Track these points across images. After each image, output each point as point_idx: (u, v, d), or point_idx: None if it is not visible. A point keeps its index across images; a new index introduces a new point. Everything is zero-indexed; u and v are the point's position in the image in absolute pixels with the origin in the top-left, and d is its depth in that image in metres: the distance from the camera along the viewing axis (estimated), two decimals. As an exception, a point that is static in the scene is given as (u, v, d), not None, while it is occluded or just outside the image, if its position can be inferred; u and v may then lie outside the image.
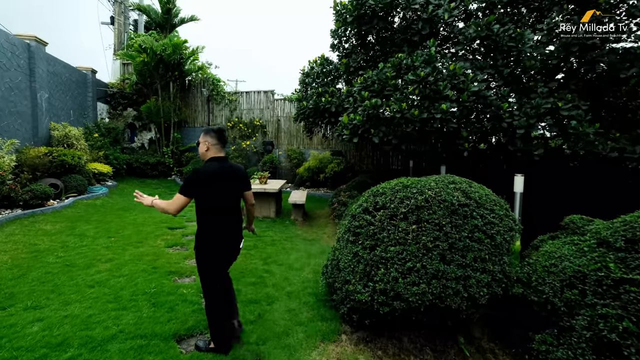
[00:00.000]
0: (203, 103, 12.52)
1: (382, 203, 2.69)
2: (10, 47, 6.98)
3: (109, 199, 7.87)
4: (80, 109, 9.92)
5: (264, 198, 6.68)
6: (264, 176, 7.09)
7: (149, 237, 5.13)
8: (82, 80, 9.99)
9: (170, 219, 6.26)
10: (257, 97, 12.14)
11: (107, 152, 9.59)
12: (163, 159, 11.26)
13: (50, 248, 4.40)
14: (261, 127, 12.06)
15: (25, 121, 7.41)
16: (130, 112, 12.06)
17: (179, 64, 11.32)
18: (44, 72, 7.97)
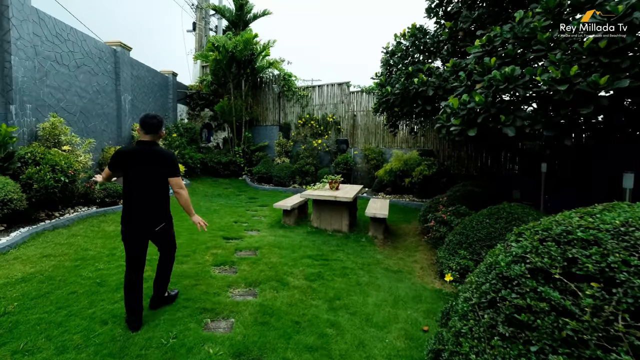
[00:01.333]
0: (274, 100, 12.15)
1: (588, 264, 1.11)
2: (99, 53, 7.42)
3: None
4: (162, 110, 10.45)
5: (335, 208, 5.46)
6: (335, 180, 5.86)
7: (199, 249, 4.42)
8: (163, 83, 10.53)
9: (229, 227, 5.62)
10: (330, 91, 11.17)
11: (182, 151, 9.80)
12: (234, 158, 11.21)
13: (96, 256, 4.01)
14: (334, 123, 11.02)
15: (111, 122, 7.85)
16: (207, 113, 12.46)
17: (250, 61, 11.13)
18: (128, 75, 8.40)
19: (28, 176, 4.67)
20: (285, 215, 5.90)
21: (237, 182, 10.79)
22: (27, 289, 3.09)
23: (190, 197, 8.03)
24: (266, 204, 8.02)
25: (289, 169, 10.33)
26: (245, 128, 11.79)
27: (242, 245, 4.69)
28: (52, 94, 6.19)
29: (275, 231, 5.48)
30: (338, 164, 9.95)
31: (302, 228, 5.67)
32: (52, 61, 6.17)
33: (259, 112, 12.27)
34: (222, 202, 8.07)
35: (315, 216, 5.67)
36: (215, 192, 9.25)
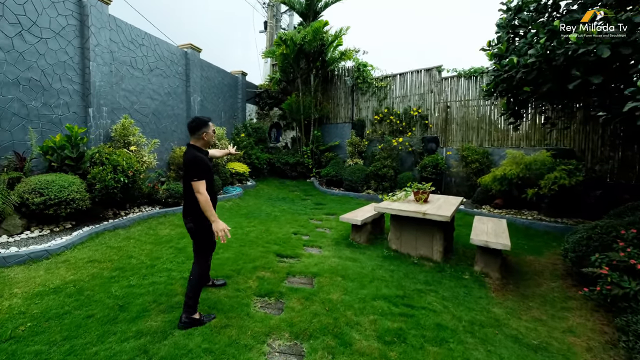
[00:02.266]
0: (346, 95, 11.26)
1: None
2: (170, 55, 7.76)
3: (240, 202, 7.62)
4: (231, 111, 10.67)
5: (423, 227, 4.24)
6: (423, 190, 4.68)
7: (245, 269, 3.80)
8: (233, 83, 10.75)
9: (287, 240, 4.95)
10: (415, 79, 9.63)
11: (249, 151, 9.76)
12: (302, 159, 10.77)
13: (136, 267, 3.74)
14: (420, 118, 9.44)
15: (181, 123, 8.15)
16: (276, 112, 12.42)
17: (319, 53, 10.51)
18: (198, 76, 8.67)
19: (92, 176, 4.78)
20: (354, 231, 4.93)
21: (305, 185, 10.30)
22: (51, 303, 2.86)
23: (252, 199, 7.31)
24: (334, 212, 7.18)
25: (362, 172, 9.30)
26: (314, 126, 11.25)
27: (297, 268, 3.89)
28: (127, 97, 6.55)
29: (340, 251, 4.56)
30: (424, 167, 8.42)
31: (375, 249, 4.62)
32: (128, 66, 6.54)
33: (330, 109, 11.55)
34: (284, 207, 7.56)
35: (394, 235, 4.53)
36: (280, 195, 8.87)
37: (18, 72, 4.66)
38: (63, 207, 4.31)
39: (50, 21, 5.07)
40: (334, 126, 11.42)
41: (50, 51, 5.07)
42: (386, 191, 8.67)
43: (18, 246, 3.74)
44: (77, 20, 5.50)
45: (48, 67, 5.05)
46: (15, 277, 3.27)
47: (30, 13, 4.80)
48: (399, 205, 4.39)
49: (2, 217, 3.96)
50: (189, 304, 2.57)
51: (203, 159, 2.55)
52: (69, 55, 5.37)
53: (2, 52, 4.46)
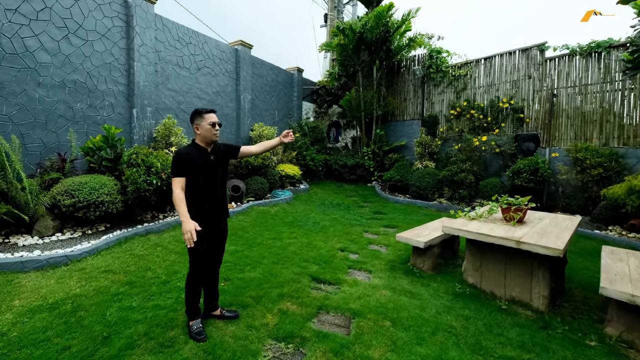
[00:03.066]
0: (415, 87, 10.14)
1: None
2: (219, 53, 7.75)
3: (288, 207, 7.19)
4: (286, 109, 10.40)
5: (515, 259, 3.08)
6: (517, 206, 3.39)
7: (268, 296, 3.18)
8: (288, 81, 10.48)
9: (329, 259, 4.23)
10: (507, 62, 8.09)
11: (304, 152, 9.34)
12: (362, 160, 10.02)
13: (146, 283, 3.41)
14: (512, 111, 7.88)
15: (230, 122, 8.07)
16: (335, 110, 11.85)
17: (383, 41, 9.59)
18: (248, 74, 8.55)
19: (126, 177, 4.74)
20: (416, 255, 3.94)
21: (364, 190, 9.50)
22: (37, 324, 2.60)
23: (302, 205, 7.45)
24: (394, 224, 6.20)
25: (433, 177, 8.13)
26: (376, 124, 10.37)
27: (334, 300, 3.10)
28: (173, 96, 6.62)
29: (396, 279, 3.64)
30: (518, 172, 6.83)
31: (444, 281, 3.60)
32: (174, 65, 6.61)
33: (395, 105, 10.52)
34: (336, 216, 6.84)
35: (471, 265, 3.45)
36: (335, 201, 8.22)
37: (64, 74, 4.89)
38: (92, 209, 4.28)
39: (96, 23, 5.28)
40: (400, 124, 10.39)
41: (95, 53, 5.27)
42: (463, 201, 7.43)
43: (43, 249, 3.74)
44: (122, 22, 5.69)
45: (94, 68, 5.25)
46: (25, 285, 3.16)
47: (77, 16, 5.03)
48: (478, 227, 3.26)
49: (35, 218, 4.04)
50: (186, 309, 2.60)
51: (184, 156, 2.40)
52: (115, 56, 5.54)
53: (49, 56, 4.71)
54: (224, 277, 3.57)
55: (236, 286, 3.37)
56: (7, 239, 3.88)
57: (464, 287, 3.37)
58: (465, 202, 7.28)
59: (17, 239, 3.88)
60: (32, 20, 4.52)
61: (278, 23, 64.41)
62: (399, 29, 9.27)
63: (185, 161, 2.38)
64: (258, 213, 6.40)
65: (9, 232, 3.95)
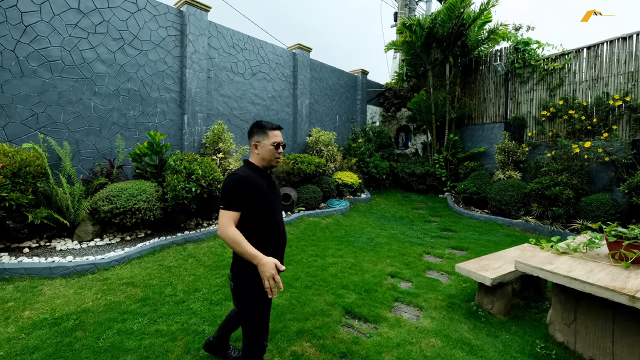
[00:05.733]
0: (497, 86, 8.65)
1: None
2: (276, 58, 7.47)
3: (342, 219, 6.49)
4: (348, 113, 9.72)
5: (627, 318, 2.14)
6: (632, 240, 2.35)
7: (286, 330, 2.67)
8: (351, 84, 9.79)
9: (374, 287, 3.57)
10: (618, 51, 6.43)
11: (367, 158, 8.61)
12: (432, 169, 8.88)
13: (162, 300, 3.11)
14: (628, 110, 6.20)
15: (286, 128, 7.75)
16: (404, 113, 10.81)
17: (458, 36, 8.38)
18: (307, 78, 8.11)
19: (167, 184, 4.62)
20: (482, 292, 3.04)
21: (434, 201, 8.36)
22: (30, 343, 2.40)
23: (359, 217, 6.74)
24: (464, 246, 5.13)
25: (517, 190, 6.76)
26: (449, 129, 9.10)
27: (363, 347, 2.46)
28: (226, 102, 6.50)
29: (452, 323, 2.86)
30: (637, 188, 5.21)
31: (520, 333, 2.70)
32: (228, 71, 6.50)
33: (472, 106, 9.11)
34: (396, 231, 5.95)
35: (560, 317, 2.52)
36: (398, 214, 7.29)
37: (119, 83, 5.03)
38: (129, 216, 4.21)
39: (151, 34, 5.37)
40: (478, 127, 8.96)
41: (149, 62, 5.35)
42: (558, 221, 6.00)
43: (76, 255, 3.71)
44: (176, 30, 5.72)
45: (147, 77, 5.33)
46: (44, 293, 3.09)
47: (132, 27, 5.15)
48: (569, 266, 2.36)
49: (77, 223, 4.10)
50: None
51: (245, 180, 1.70)
52: (168, 64, 5.59)
53: (104, 66, 4.88)
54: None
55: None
56: (50, 242, 4.00)
57: (548, 347, 2.46)
58: (561, 222, 5.94)
59: (57, 243, 3.97)
60: (91, 33, 4.74)
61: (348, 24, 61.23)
62: (477, 20, 7.98)
63: (248, 187, 1.69)
64: (307, 225, 5.86)
65: (51, 236, 4.08)
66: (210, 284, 3.52)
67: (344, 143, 9.27)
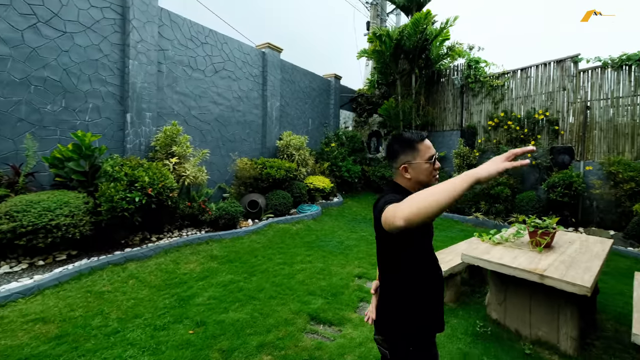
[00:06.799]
0: (455, 97, 8.13)
1: None
2: (243, 56, 5.96)
3: (313, 224, 5.42)
4: (321, 117, 8.41)
5: (540, 294, 2.18)
6: (544, 229, 2.43)
7: (245, 346, 2.05)
8: (324, 88, 8.47)
9: (341, 289, 3.01)
10: (542, 74, 6.46)
11: (339, 162, 7.45)
12: None
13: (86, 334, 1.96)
14: (548, 122, 6.30)
15: (254, 130, 6.29)
16: (375, 119, 9.73)
17: (422, 50, 7.72)
18: (277, 79, 6.67)
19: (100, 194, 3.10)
20: None
21: None
22: None
23: (331, 221, 5.65)
24: None
25: (470, 191, 6.14)
26: None
27: (326, 352, 2.02)
28: (183, 101, 4.96)
29: None
30: (553, 186, 5.45)
31: (465, 316, 2.57)
32: (185, 66, 4.94)
33: (435, 115, 8.37)
34: (365, 233, 5.14)
35: (495, 298, 2.48)
36: (369, 216, 6.41)
37: (29, 70, 3.42)
38: (42, 235, 2.76)
39: (79, 13, 3.75)
40: (439, 134, 8.30)
41: (76, 47, 3.74)
42: (500, 216, 5.92)
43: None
44: (116, 14, 4.12)
45: (73, 65, 3.72)
46: None
47: (51, 3, 3.50)
48: (500, 255, 2.34)
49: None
50: None
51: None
52: (104, 52, 3.98)
53: (6, 47, 3.19)
54: (197, 320, 2.32)
55: (208, 334, 2.17)
56: None
57: (486, 325, 2.42)
58: (502, 216, 5.89)
59: None
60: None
61: (323, 30, 54.15)
62: (437, 37, 7.37)
63: None
64: (276, 232, 4.77)
65: None
66: (155, 306, 2.53)
67: (317, 147, 8.03)
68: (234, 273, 3.27)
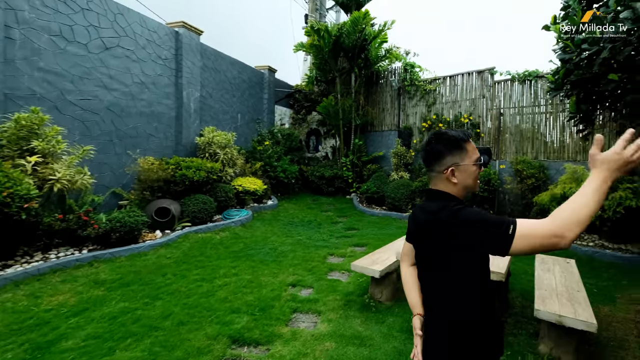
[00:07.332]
0: (392, 99, 8.11)
1: None
2: (147, 33, 4.67)
3: (242, 231, 4.63)
4: (253, 113, 7.38)
5: None
6: None
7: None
8: (256, 80, 7.45)
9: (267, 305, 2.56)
10: (466, 82, 6.92)
11: (274, 163, 6.60)
12: (340, 171, 7.59)
13: None
14: (472, 126, 6.66)
15: (165, 124, 5.08)
16: (314, 116, 9.12)
17: (361, 49, 7.38)
18: (196, 66, 5.48)
19: None
20: (374, 284, 2.66)
21: (342, 203, 7.19)
22: None
23: (263, 226, 5.03)
24: (365, 242, 4.42)
25: (407, 188, 6.41)
26: (355, 134, 7.86)
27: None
28: (51, 81, 3.59)
29: (347, 320, 2.35)
30: None
31: (401, 312, 2.45)
32: (54, 36, 3.56)
33: (374, 115, 8.10)
34: (301, 237, 4.57)
35: None
36: (306, 218, 5.79)
37: None
38: None
39: None
40: (378, 134, 8.14)
41: None
42: None
43: None
44: None
45: None
46: None
47: None
48: None
49: None
50: None
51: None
52: None
53: None
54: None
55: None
56: None
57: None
58: None
59: None
60: None
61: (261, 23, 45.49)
62: (376, 39, 7.28)
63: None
64: (194, 243, 3.91)
65: None
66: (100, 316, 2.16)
67: (248, 145, 7.00)
68: (130, 300, 2.54)
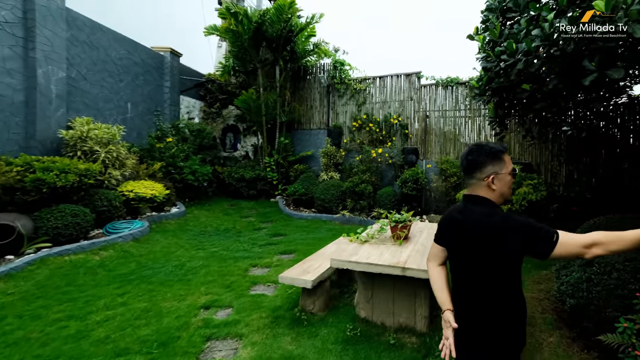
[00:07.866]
0: (322, 96, 7.68)
1: None
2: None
3: (134, 246, 3.59)
4: (149, 103, 5.93)
5: (400, 283, 2.26)
6: (403, 224, 2.61)
7: None
8: (154, 65, 6.01)
9: (169, 339, 2.01)
10: (395, 84, 6.97)
11: (180, 163, 5.44)
12: (263, 172, 6.85)
13: None
14: (400, 127, 6.79)
15: (8, 112, 3.46)
16: (231, 111, 7.94)
17: (287, 41, 6.78)
18: (60, 37, 3.96)
19: None
20: (305, 295, 2.42)
21: (266, 207, 6.50)
22: None
23: (165, 239, 4.11)
24: (293, 248, 4.01)
25: (337, 189, 6.20)
26: (280, 132, 7.22)
27: None
28: None
29: (276, 340, 2.07)
30: (405, 181, 5.96)
31: (335, 322, 2.32)
32: None
33: (302, 112, 7.60)
34: (217, 248, 3.85)
35: (363, 297, 2.39)
36: (223, 226, 4.94)
37: None
38: None
39: None
40: (306, 132, 7.66)
41: None
42: (364, 211, 6.04)
43: None
44: None
45: None
46: None
47: None
48: (367, 254, 2.31)
49: None
50: None
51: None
52: None
53: None
54: None
55: None
56: None
57: (355, 327, 2.24)
58: (365, 212, 6.04)
59: None
60: None
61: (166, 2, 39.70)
62: (303, 31, 6.84)
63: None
64: (56, 269, 2.85)
65: None
66: None
67: (143, 142, 5.61)
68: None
